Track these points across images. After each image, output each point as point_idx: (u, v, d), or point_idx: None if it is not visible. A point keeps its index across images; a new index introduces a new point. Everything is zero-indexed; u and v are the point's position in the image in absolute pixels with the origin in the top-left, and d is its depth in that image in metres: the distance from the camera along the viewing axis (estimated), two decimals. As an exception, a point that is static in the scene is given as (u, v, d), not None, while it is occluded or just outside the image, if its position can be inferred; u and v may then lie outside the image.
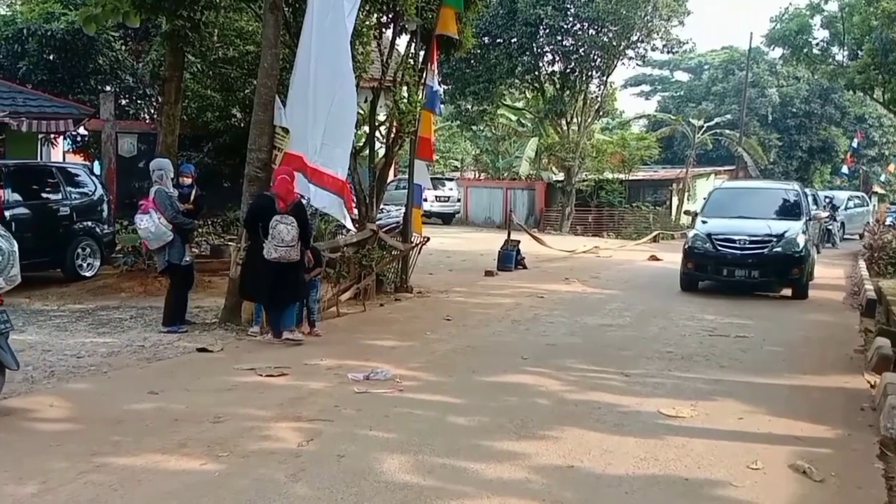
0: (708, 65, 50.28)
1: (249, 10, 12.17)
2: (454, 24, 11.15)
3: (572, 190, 28.69)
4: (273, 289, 7.99)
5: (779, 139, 43.07)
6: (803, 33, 24.80)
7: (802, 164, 44.42)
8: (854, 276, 15.58)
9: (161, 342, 8.03)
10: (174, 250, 8.56)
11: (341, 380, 6.65)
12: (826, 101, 42.95)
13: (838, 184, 42.08)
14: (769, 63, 43.64)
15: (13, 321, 8.80)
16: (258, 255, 7.98)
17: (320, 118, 8.62)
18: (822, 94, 42.58)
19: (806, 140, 43.59)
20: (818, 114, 43.23)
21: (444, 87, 27.44)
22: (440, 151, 39.71)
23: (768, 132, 42.68)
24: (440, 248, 17.88)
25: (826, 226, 22.69)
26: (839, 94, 40.40)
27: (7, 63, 15.61)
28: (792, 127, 43.31)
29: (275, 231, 7.82)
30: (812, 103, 43.01)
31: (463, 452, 4.89)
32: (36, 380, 6.49)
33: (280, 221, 7.84)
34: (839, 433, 5.61)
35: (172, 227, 8.46)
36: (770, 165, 40.53)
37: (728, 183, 21.51)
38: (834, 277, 15.67)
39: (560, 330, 9.46)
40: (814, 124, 43.48)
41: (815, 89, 42.27)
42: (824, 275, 15.26)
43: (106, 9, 9.57)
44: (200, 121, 14.71)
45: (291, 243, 7.87)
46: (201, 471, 4.48)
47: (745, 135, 37.22)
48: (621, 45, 26.28)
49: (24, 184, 11.39)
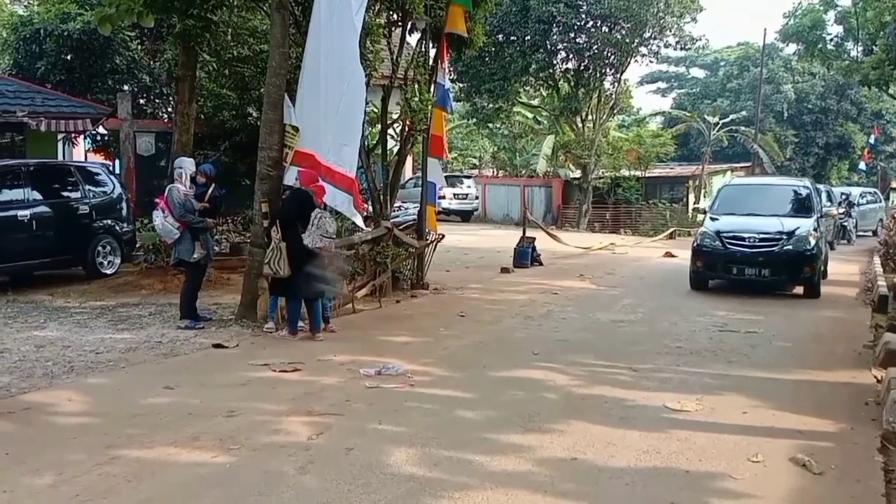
0: (724, 61, 50.00)
1: (261, 10, 12.31)
2: (463, 23, 11.23)
3: (589, 187, 28.73)
4: (308, 280, 8.14)
5: (795, 135, 42.72)
6: (817, 29, 24.65)
7: (819, 160, 44.06)
8: (868, 273, 15.49)
9: (178, 338, 8.21)
10: (182, 247, 8.83)
11: (353, 375, 6.77)
12: (842, 97, 42.54)
13: (856, 180, 41.74)
14: (784, 59, 43.29)
15: (37, 317, 9.15)
16: (297, 248, 8.11)
17: (330, 116, 8.76)
18: (838, 90, 42.18)
19: (822, 136, 43.21)
20: (834, 110, 42.82)
21: (459, 84, 27.61)
22: (458, 149, 39.83)
23: (784, 128, 42.35)
24: (458, 246, 18.01)
25: (841, 222, 22.49)
26: (855, 89, 39.98)
27: (26, 63, 15.82)
28: (808, 123, 42.95)
29: (319, 223, 8.21)
30: (828, 99, 42.62)
31: (469, 445, 5.00)
32: (55, 375, 6.68)
33: (323, 215, 8.28)
34: (842, 427, 5.65)
35: (182, 226, 8.70)
36: (786, 162, 40.23)
37: (738, 180, 21.18)
38: (848, 274, 15.60)
39: (572, 326, 9.53)
40: (830, 120, 43.07)
41: (831, 85, 41.88)
42: (839, 271, 15.20)
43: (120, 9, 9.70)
44: (217, 119, 14.87)
45: (333, 235, 8.33)
46: (212, 463, 4.62)
47: (761, 131, 36.97)
48: (634, 42, 26.24)
49: (44, 183, 11.60)
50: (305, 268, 8.08)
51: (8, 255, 10.80)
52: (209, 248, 9.08)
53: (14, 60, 16.14)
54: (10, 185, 11.16)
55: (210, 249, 9.13)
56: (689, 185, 31.17)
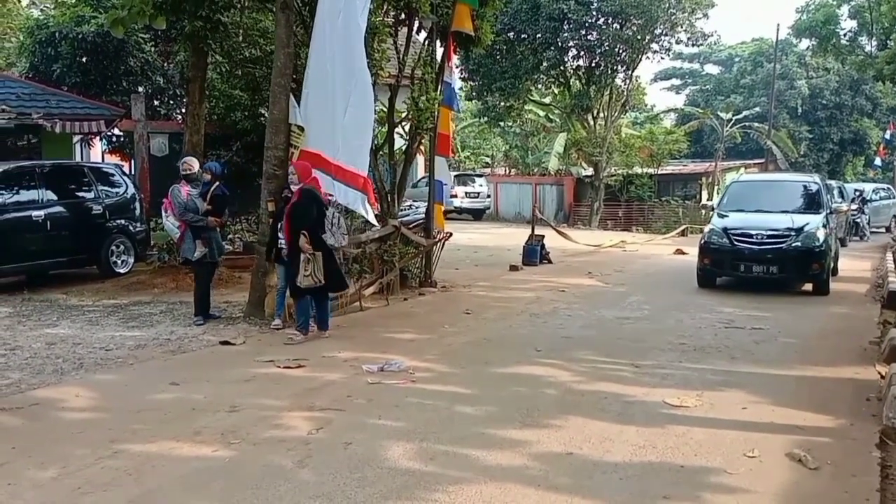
0: (738, 57, 49.72)
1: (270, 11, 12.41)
2: (470, 21, 11.28)
3: (601, 185, 28.69)
4: (332, 277, 8.18)
5: (809, 131, 42.44)
6: (830, 23, 24.45)
7: (834, 156, 43.72)
8: (880, 269, 15.40)
9: (186, 335, 8.34)
10: (185, 245, 9.02)
11: (356, 371, 6.85)
12: (857, 93, 42.19)
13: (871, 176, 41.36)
14: (798, 55, 43.03)
15: (50, 315, 9.31)
16: (325, 252, 8.11)
17: (339, 116, 8.84)
18: (852, 86, 41.85)
19: (837, 132, 42.88)
20: (849, 105, 42.48)
21: (470, 83, 27.64)
22: (471, 148, 39.86)
23: (798, 125, 42.08)
24: (468, 244, 18.08)
25: (854, 219, 22.30)
26: (870, 84, 39.67)
27: (42, 66, 16.02)
28: (822, 119, 42.64)
29: (339, 221, 8.39)
30: (843, 94, 42.29)
31: (466, 440, 5.06)
32: (65, 371, 6.83)
33: (337, 212, 8.42)
34: (842, 423, 5.65)
35: (182, 224, 8.87)
36: (801, 158, 39.98)
37: (746, 176, 20.82)
38: (860, 270, 15.50)
39: (577, 323, 9.57)
40: (845, 116, 42.73)
41: (846, 80, 41.56)
42: (851, 267, 15.12)
43: (131, 11, 9.86)
44: (229, 120, 15.04)
45: (346, 231, 8.51)
46: (213, 457, 4.71)
47: (775, 127, 36.75)
48: (646, 39, 26.15)
49: (58, 183, 11.78)
50: (331, 266, 8.17)
51: (23, 254, 11.00)
52: (213, 247, 9.15)
53: (31, 63, 16.36)
54: (26, 186, 11.34)
55: (215, 248, 9.20)
56: (702, 182, 31.06)
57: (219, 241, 9.47)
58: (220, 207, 9.25)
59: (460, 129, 37.00)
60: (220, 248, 9.60)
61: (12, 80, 15.07)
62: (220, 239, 9.68)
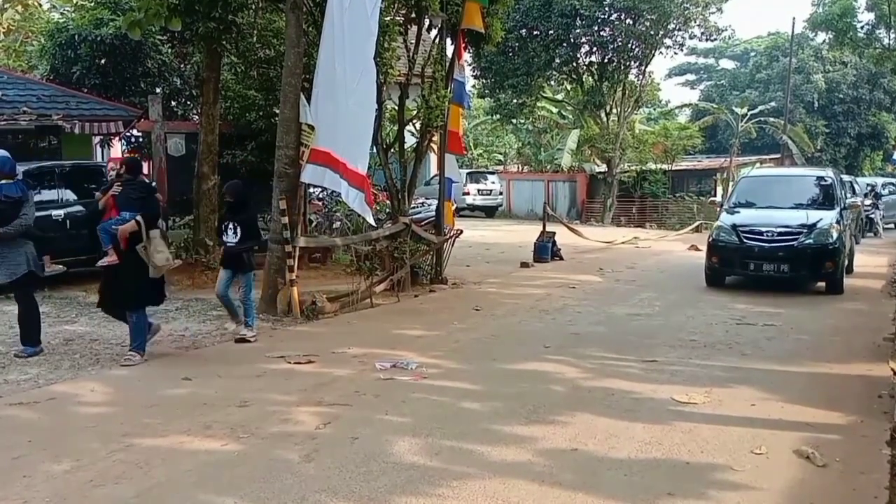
0: (754, 52, 49.35)
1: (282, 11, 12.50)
2: (480, 18, 11.31)
3: (614, 181, 28.62)
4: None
5: (826, 126, 42.02)
6: (847, 16, 24.15)
7: (851, 151, 43.29)
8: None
9: (200, 332, 8.45)
10: None
11: (365, 367, 6.91)
12: (875, 86, 41.73)
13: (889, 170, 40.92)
14: (814, 48, 42.61)
15: (69, 312, 9.42)
16: None
17: (342, 114, 8.91)
18: (870, 79, 41.38)
19: (854, 126, 42.42)
20: (867, 99, 42.02)
21: (483, 80, 27.65)
22: (483, 145, 39.87)
23: (815, 119, 41.68)
24: (480, 241, 18.09)
25: (868, 214, 22.00)
26: (888, 78, 39.21)
27: (62, 68, 16.19)
28: (839, 113, 42.19)
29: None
30: (860, 88, 41.82)
31: (472, 436, 5.10)
32: (81, 366, 6.94)
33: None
34: (852, 420, 5.62)
35: None
36: (817, 153, 39.63)
37: (756, 171, 20.31)
38: (875, 266, 15.38)
39: (587, 319, 9.57)
40: (862, 110, 42.27)
41: (863, 74, 41.10)
42: (866, 263, 15.01)
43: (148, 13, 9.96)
44: (244, 120, 15.13)
45: None
46: (221, 451, 4.78)
47: (791, 122, 36.47)
48: (659, 34, 26.08)
49: (77, 183, 11.92)
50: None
51: (43, 253, 11.12)
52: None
53: (51, 66, 16.53)
54: (46, 186, 11.47)
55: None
56: (716, 178, 30.90)
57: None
58: None
59: (473, 127, 37.01)
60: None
61: (33, 83, 15.24)
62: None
